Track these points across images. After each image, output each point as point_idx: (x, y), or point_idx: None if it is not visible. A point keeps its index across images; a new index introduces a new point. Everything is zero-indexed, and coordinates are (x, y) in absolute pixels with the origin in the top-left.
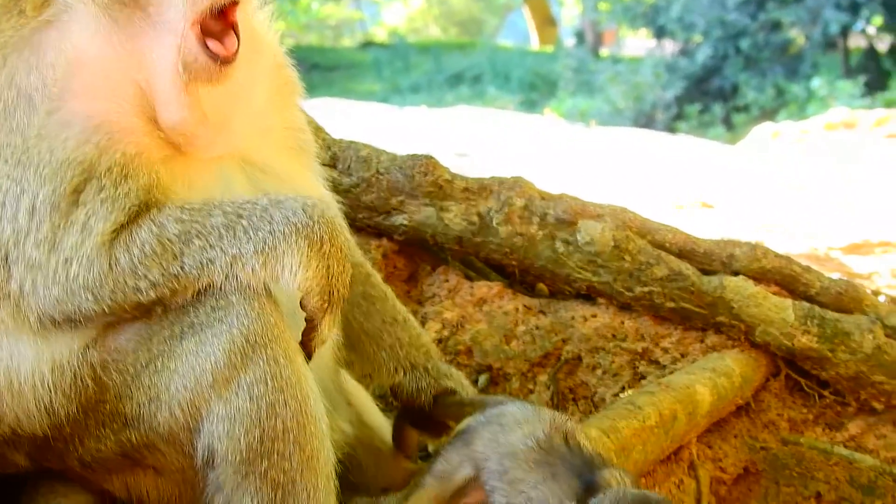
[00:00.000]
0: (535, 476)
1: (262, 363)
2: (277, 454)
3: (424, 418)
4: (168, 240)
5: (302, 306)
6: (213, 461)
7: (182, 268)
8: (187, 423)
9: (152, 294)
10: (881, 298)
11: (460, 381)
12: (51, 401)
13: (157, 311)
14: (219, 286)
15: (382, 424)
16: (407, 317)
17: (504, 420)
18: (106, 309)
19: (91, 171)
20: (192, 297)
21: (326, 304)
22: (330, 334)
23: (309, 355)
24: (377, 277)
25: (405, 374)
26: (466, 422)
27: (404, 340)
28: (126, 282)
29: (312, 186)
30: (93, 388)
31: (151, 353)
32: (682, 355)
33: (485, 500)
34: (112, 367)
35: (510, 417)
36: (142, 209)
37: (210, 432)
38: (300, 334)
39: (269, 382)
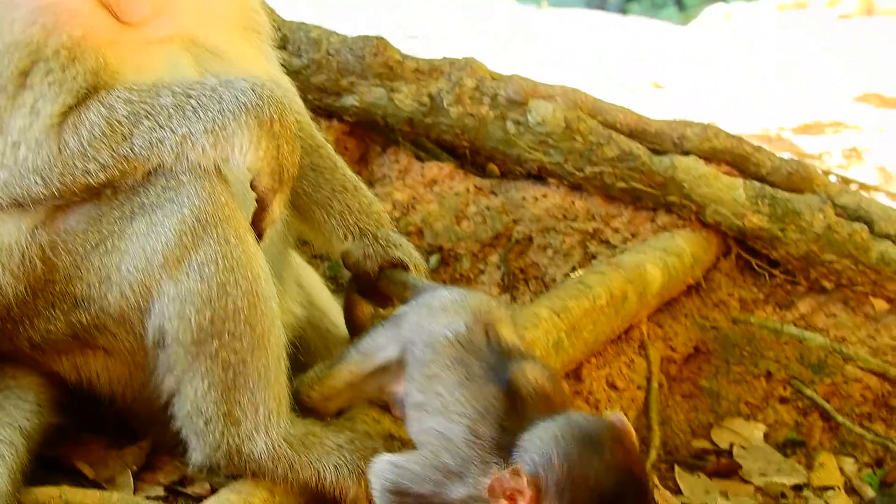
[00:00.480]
0: (451, 376)
1: (212, 243)
2: (228, 334)
3: (371, 287)
4: (117, 121)
5: (252, 187)
6: (163, 342)
7: (131, 149)
8: (138, 304)
9: (102, 176)
10: (832, 178)
11: (409, 252)
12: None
13: (107, 193)
14: (169, 167)
15: (332, 306)
16: (357, 185)
17: (433, 304)
18: (55, 192)
19: (38, 54)
20: (143, 178)
21: (277, 185)
22: (280, 214)
23: (259, 235)
24: (328, 148)
25: (353, 240)
26: (402, 307)
27: (354, 207)
28: (75, 164)
29: (264, 69)
30: (42, 269)
31: (101, 233)
32: (633, 235)
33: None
34: (61, 247)
35: (438, 302)
36: (90, 92)
37: (161, 313)
38: (250, 215)
39: (220, 262)
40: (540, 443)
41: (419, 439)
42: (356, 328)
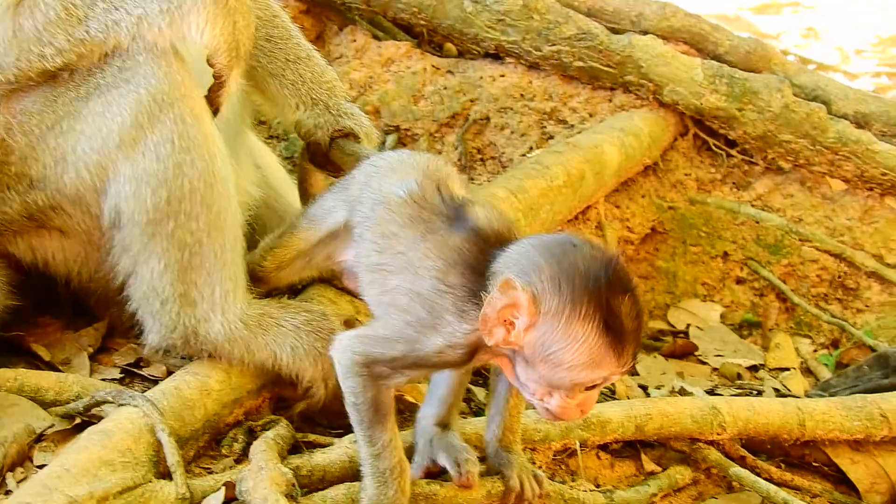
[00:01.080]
0: (411, 233)
1: (169, 123)
2: (184, 214)
3: (324, 157)
4: (72, 4)
5: (209, 63)
6: (119, 222)
7: (87, 32)
8: (94, 185)
9: (58, 60)
10: (790, 58)
11: (361, 122)
12: None
13: (64, 76)
14: (125, 48)
15: (289, 187)
16: (311, 54)
17: (380, 164)
18: (11, 77)
19: None
20: (99, 60)
21: (233, 60)
22: (236, 89)
23: (216, 111)
24: (283, 17)
25: (306, 109)
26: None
27: (306, 77)
28: (31, 49)
29: None
30: None
31: (57, 114)
32: (591, 115)
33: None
34: (17, 129)
35: (385, 163)
36: None
37: (117, 193)
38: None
39: (177, 142)
40: (518, 256)
41: (381, 301)
42: (308, 198)
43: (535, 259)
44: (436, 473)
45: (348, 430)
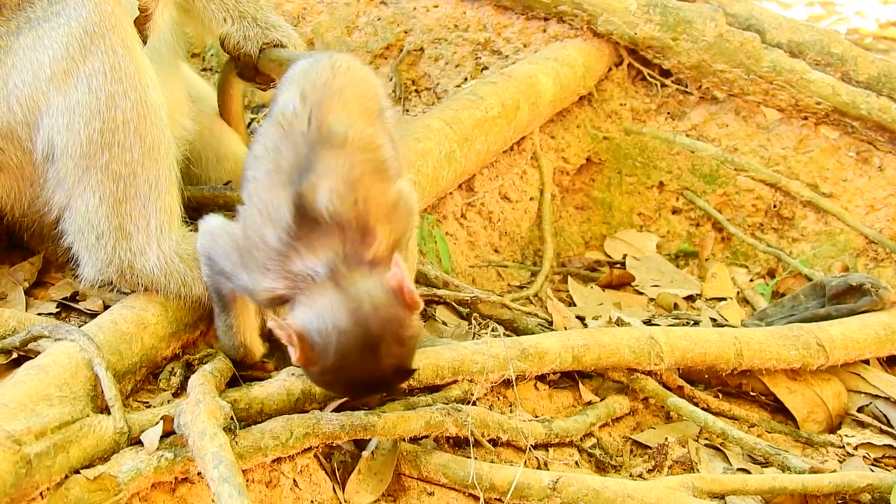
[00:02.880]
0: (267, 161)
1: (100, 54)
2: (118, 146)
3: (251, 69)
4: None
5: None
6: (53, 155)
7: None
8: (25, 119)
9: None
10: None
11: (288, 33)
12: None
13: None
14: None
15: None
16: None
17: (289, 75)
18: None
19: None
20: None
21: None
22: (162, 20)
23: (144, 41)
24: None
25: (233, 23)
26: None
27: None
28: None
29: None
30: None
31: None
32: (525, 45)
33: None
34: None
35: (291, 73)
36: None
37: (49, 126)
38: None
39: (108, 73)
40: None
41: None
42: (227, 107)
43: (322, 325)
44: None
45: None
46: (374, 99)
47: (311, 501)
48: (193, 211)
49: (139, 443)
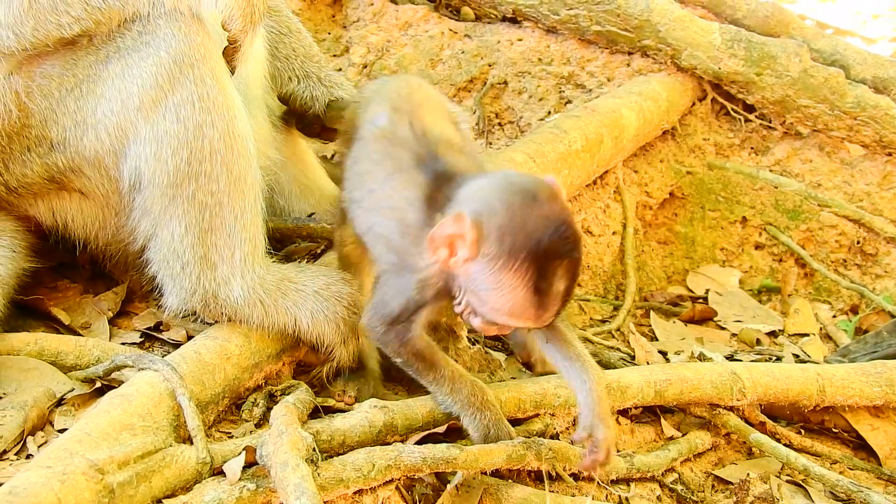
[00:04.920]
0: (380, 171)
1: (189, 84)
2: (205, 176)
3: (317, 125)
4: None
5: (224, 28)
6: (139, 184)
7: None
8: (113, 147)
9: (76, 28)
10: (808, 22)
11: (351, 91)
12: None
13: (83, 41)
14: (145, 14)
15: (308, 150)
16: (300, 27)
17: (363, 95)
18: (28, 46)
19: None
20: (119, 26)
21: (248, 25)
22: (250, 52)
23: (232, 71)
24: None
25: (299, 82)
26: None
27: (298, 50)
28: (48, 19)
29: None
30: (17, 114)
31: (77, 77)
32: (609, 79)
33: None
34: (37, 91)
35: (365, 94)
36: None
37: (137, 155)
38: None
39: (197, 103)
40: (479, 193)
41: (367, 239)
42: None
43: (492, 203)
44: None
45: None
46: (449, 111)
47: None
48: (277, 242)
49: (221, 473)
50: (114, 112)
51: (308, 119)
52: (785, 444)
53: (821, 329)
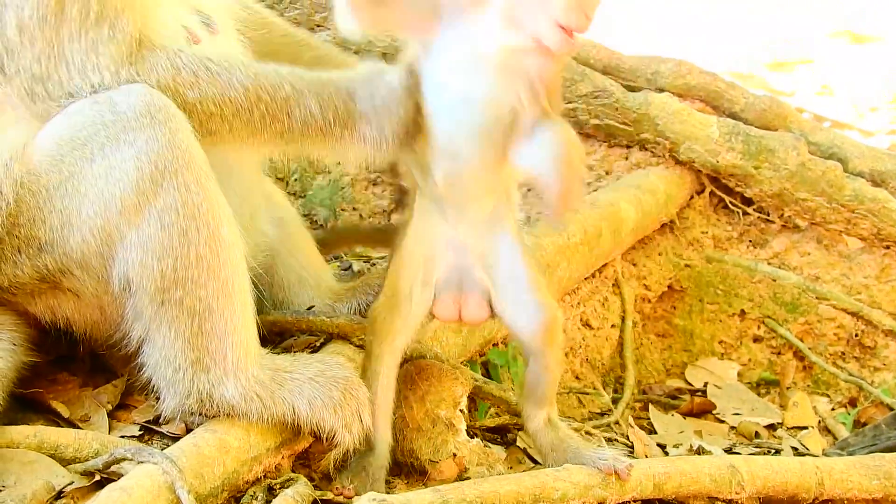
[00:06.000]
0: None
1: (172, 190)
2: (192, 282)
3: None
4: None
5: None
6: (129, 289)
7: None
8: (100, 250)
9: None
10: (805, 115)
11: None
12: None
13: (66, 135)
14: (124, 111)
15: (306, 239)
16: None
17: None
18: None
19: None
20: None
21: None
22: None
23: None
24: None
25: None
26: None
27: None
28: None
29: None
30: (13, 206)
31: (63, 174)
32: (607, 172)
33: None
34: (27, 188)
35: None
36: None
37: (124, 260)
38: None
39: (181, 210)
40: None
41: None
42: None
43: None
44: None
45: None
46: None
47: None
48: (275, 335)
49: None
50: (98, 214)
51: None
52: None
53: (819, 422)
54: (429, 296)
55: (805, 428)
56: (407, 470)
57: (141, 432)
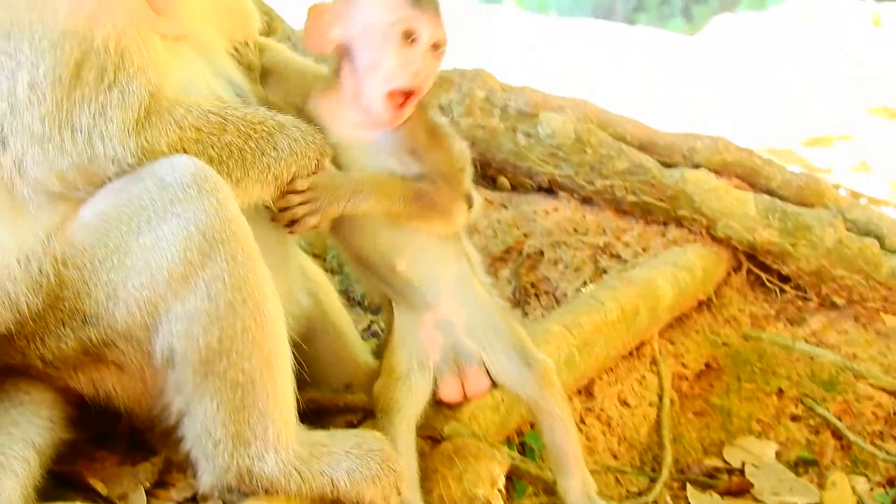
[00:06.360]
0: None
1: (219, 261)
2: (237, 353)
3: None
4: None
5: None
6: (173, 361)
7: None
8: (145, 322)
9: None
10: (842, 192)
11: None
12: (17, 294)
13: (113, 212)
14: (171, 182)
15: (340, 311)
16: None
17: None
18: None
19: (89, 45)
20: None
21: None
22: None
23: None
24: None
25: None
26: None
27: None
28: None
29: None
30: (55, 283)
31: (108, 248)
32: (644, 249)
33: None
34: (70, 262)
35: None
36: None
37: (169, 331)
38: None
39: (228, 280)
40: None
41: None
42: None
43: None
44: None
45: None
46: None
47: None
48: (312, 413)
49: None
50: (144, 286)
51: None
52: None
53: (858, 502)
54: (428, 378)
55: None
56: None
57: None
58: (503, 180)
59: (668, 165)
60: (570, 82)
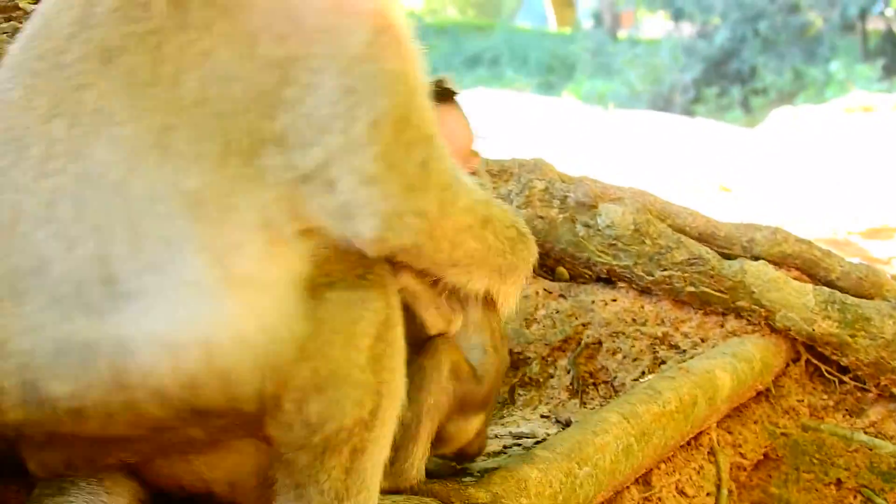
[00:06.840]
0: None
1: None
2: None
3: None
4: None
5: None
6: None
7: None
8: None
9: None
10: None
11: None
12: None
13: None
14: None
15: None
16: None
17: None
18: None
19: None
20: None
21: None
22: None
23: None
24: None
25: None
26: None
27: None
28: None
29: None
30: None
31: None
32: (702, 340)
33: None
34: None
35: None
36: None
37: None
38: None
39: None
40: None
41: None
42: None
43: None
44: None
45: None
46: None
47: None
48: None
49: None
50: None
51: None
52: None
53: None
54: None
55: None
56: None
57: None
58: (562, 270)
59: (727, 256)
60: (629, 173)
